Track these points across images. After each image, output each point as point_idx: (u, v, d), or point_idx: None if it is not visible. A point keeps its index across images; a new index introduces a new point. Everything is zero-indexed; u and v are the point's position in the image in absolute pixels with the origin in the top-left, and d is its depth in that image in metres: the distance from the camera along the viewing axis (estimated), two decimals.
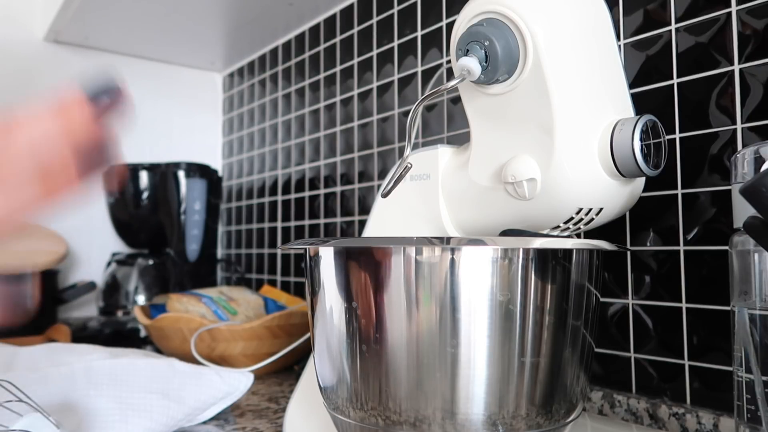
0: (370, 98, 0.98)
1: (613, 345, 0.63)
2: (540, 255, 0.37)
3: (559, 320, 0.38)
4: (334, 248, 0.40)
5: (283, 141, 1.22)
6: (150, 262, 1.20)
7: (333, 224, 1.05)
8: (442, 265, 0.37)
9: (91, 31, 1.23)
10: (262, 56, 1.31)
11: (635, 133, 0.42)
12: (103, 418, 0.54)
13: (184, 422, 0.60)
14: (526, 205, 0.46)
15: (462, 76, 0.44)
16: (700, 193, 0.56)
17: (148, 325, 0.88)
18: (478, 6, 0.45)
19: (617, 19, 0.63)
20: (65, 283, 1.24)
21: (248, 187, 1.34)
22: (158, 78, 1.41)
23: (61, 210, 0.37)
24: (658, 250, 0.60)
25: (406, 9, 0.91)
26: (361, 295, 0.39)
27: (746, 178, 0.40)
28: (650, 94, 0.61)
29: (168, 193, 1.18)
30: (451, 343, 0.37)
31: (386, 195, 0.48)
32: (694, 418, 0.55)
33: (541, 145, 0.44)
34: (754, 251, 0.40)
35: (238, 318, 0.89)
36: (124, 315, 1.16)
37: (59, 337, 1.03)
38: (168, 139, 1.43)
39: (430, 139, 0.86)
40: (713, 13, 0.56)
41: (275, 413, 0.65)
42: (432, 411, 0.37)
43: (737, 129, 0.54)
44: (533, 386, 0.38)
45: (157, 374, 0.61)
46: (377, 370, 0.39)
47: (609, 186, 0.45)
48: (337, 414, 0.42)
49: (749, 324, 0.39)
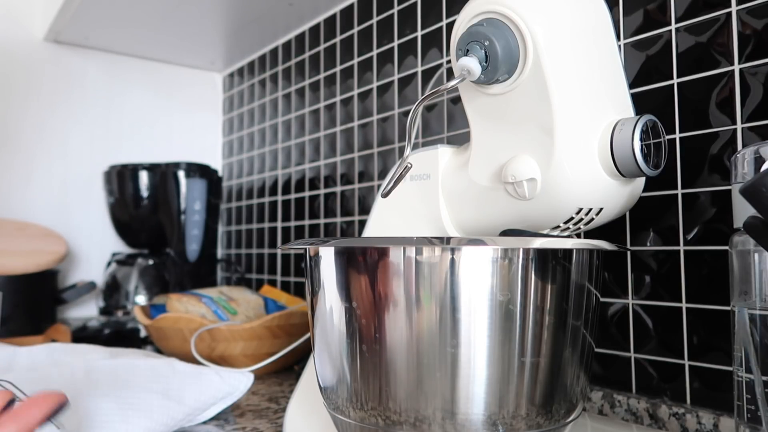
0: (370, 98, 0.98)
1: (613, 345, 0.63)
2: (540, 255, 0.37)
3: (559, 320, 0.38)
4: (334, 248, 0.40)
5: (283, 141, 1.22)
6: (150, 262, 1.20)
7: (333, 224, 1.05)
8: (442, 265, 0.37)
9: (91, 31, 1.23)
10: (262, 56, 1.31)
11: (635, 133, 0.42)
12: (103, 417, 0.54)
13: (185, 422, 0.60)
14: (526, 205, 0.46)
15: (462, 76, 0.44)
16: (700, 193, 0.56)
17: (148, 325, 0.88)
18: (478, 6, 0.45)
19: (617, 19, 0.63)
20: (65, 283, 1.25)
21: (248, 187, 1.34)
22: (158, 78, 1.41)
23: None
24: (658, 250, 0.60)
25: (406, 9, 0.91)
26: (361, 295, 0.39)
27: (746, 178, 0.40)
28: (650, 94, 0.61)
29: (168, 193, 1.18)
30: (451, 343, 0.37)
31: (386, 195, 0.48)
32: (694, 418, 0.55)
33: (541, 145, 0.44)
34: (754, 251, 0.40)
35: (238, 318, 0.89)
36: (124, 315, 1.16)
37: (59, 337, 1.03)
38: (168, 139, 1.43)
39: (430, 139, 0.86)
40: (713, 13, 0.56)
41: (275, 413, 0.65)
42: (432, 411, 0.37)
43: (737, 129, 0.54)
44: (533, 386, 0.38)
45: (157, 374, 0.61)
46: (377, 370, 0.39)
47: (609, 186, 0.45)
48: (337, 414, 0.42)
49: (749, 324, 0.39)
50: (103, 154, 1.33)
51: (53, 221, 1.26)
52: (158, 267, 1.20)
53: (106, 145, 1.34)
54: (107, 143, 1.34)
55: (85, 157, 1.32)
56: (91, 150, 1.33)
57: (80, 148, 1.31)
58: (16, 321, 1.03)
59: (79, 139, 1.31)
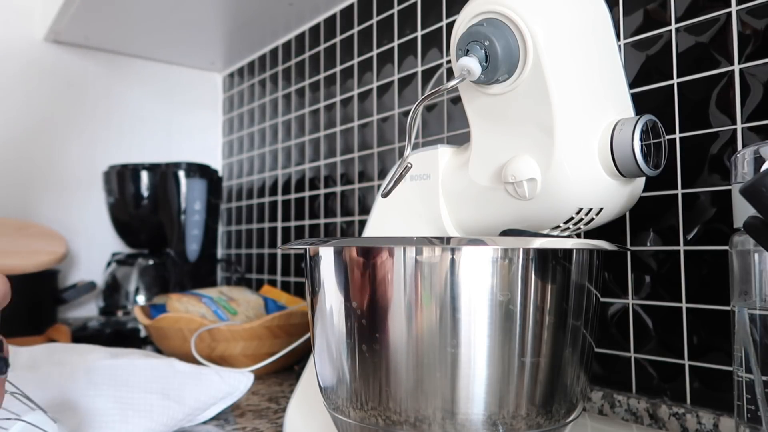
0: (370, 98, 0.98)
1: (613, 345, 0.63)
2: (540, 255, 0.37)
3: (559, 320, 0.38)
4: (334, 248, 0.40)
5: (283, 141, 1.22)
6: (150, 262, 1.20)
7: (333, 224, 1.05)
8: (442, 265, 0.37)
9: (91, 31, 1.23)
10: (262, 56, 1.31)
11: (635, 133, 0.42)
12: (103, 418, 0.54)
13: (185, 422, 0.60)
14: (526, 205, 0.46)
15: (462, 76, 0.44)
16: (700, 193, 0.56)
17: (148, 325, 0.88)
18: (478, 6, 0.45)
19: (617, 19, 0.63)
20: (65, 283, 1.25)
21: (248, 187, 1.34)
22: (158, 78, 1.41)
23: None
24: (658, 250, 0.60)
25: (406, 9, 0.91)
26: (361, 295, 0.39)
27: (746, 178, 0.40)
28: (650, 94, 0.61)
29: (168, 193, 1.18)
30: (451, 343, 0.37)
31: (386, 195, 0.48)
32: (695, 418, 0.55)
33: (541, 145, 0.44)
34: (754, 251, 0.40)
35: (238, 318, 0.89)
36: (124, 315, 1.16)
37: (59, 337, 1.03)
38: (168, 139, 1.43)
39: (430, 139, 0.86)
40: (713, 13, 0.56)
41: (275, 413, 0.65)
42: (432, 411, 0.37)
43: (737, 129, 0.54)
44: (533, 386, 0.38)
45: (157, 374, 0.61)
46: (377, 370, 0.39)
47: (609, 186, 0.45)
48: (337, 414, 0.42)
49: (749, 324, 0.39)
50: (103, 154, 1.33)
51: (53, 221, 1.26)
52: (158, 267, 1.20)
53: (106, 145, 1.34)
54: (107, 143, 1.35)
55: (85, 157, 1.32)
56: (91, 150, 1.33)
57: (80, 148, 1.31)
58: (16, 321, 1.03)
59: (79, 139, 1.31)
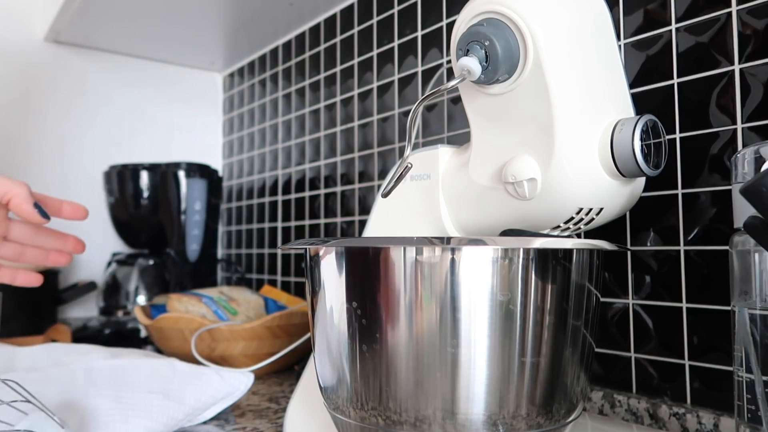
0: (371, 98, 0.98)
1: (614, 345, 0.63)
2: (540, 255, 0.37)
3: (560, 320, 0.38)
4: (334, 248, 0.40)
5: (283, 141, 1.22)
6: (150, 262, 1.20)
7: (333, 224, 1.05)
8: (443, 265, 0.37)
9: (91, 31, 1.23)
10: (262, 56, 1.31)
11: (635, 133, 0.42)
12: (104, 418, 0.54)
13: (185, 422, 0.60)
14: (527, 205, 0.46)
15: (462, 76, 0.44)
16: (700, 193, 0.56)
17: (149, 325, 0.88)
18: (479, 6, 0.45)
19: (617, 19, 0.63)
20: (65, 283, 1.24)
21: (248, 187, 1.34)
22: (158, 78, 1.41)
23: None
24: (658, 250, 0.60)
25: (406, 9, 0.91)
26: (361, 295, 0.39)
27: (746, 178, 0.40)
28: (650, 94, 0.61)
29: (168, 193, 1.18)
30: (451, 343, 0.37)
31: (386, 195, 0.48)
32: (695, 418, 0.55)
33: (541, 145, 0.44)
34: (755, 251, 0.40)
35: (239, 318, 0.89)
36: (124, 315, 1.16)
37: (59, 337, 1.03)
38: (168, 139, 1.43)
39: (430, 139, 0.86)
40: (713, 13, 0.56)
41: (275, 413, 0.65)
42: (432, 411, 0.37)
43: (737, 129, 0.54)
44: (533, 386, 0.38)
45: (157, 374, 0.61)
46: (377, 370, 0.39)
47: (609, 186, 0.45)
48: (337, 414, 0.42)
49: (749, 324, 0.39)
50: (103, 154, 1.33)
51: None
52: (158, 267, 1.20)
53: (106, 145, 1.34)
54: (107, 143, 1.34)
55: (85, 157, 1.32)
56: (91, 150, 1.33)
57: (80, 148, 1.31)
58: (16, 321, 1.03)
59: (78, 139, 1.31)
